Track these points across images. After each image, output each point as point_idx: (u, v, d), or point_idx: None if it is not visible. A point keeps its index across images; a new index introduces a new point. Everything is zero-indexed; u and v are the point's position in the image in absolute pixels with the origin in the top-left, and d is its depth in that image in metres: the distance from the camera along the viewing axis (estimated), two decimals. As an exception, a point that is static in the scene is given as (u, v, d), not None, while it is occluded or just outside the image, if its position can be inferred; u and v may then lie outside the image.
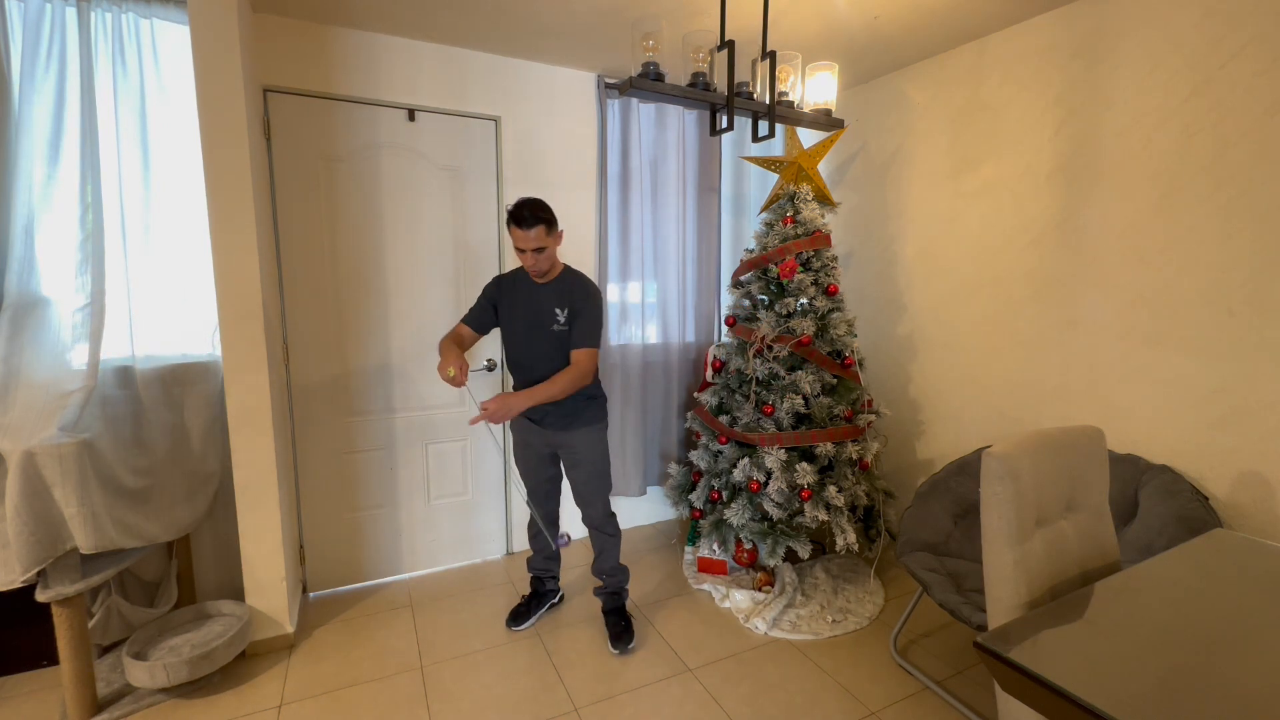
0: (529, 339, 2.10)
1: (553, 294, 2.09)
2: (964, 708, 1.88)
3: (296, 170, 2.36)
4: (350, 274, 2.49)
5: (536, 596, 2.42)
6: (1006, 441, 1.20)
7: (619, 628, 2.24)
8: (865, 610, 2.43)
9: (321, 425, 2.51)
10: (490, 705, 1.92)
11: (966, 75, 2.52)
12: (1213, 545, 1.35)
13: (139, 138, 2.00)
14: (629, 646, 2.20)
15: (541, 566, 2.40)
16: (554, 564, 2.42)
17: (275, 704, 1.91)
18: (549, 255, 2.02)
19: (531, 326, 2.10)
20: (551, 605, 2.47)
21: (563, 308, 2.08)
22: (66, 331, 1.83)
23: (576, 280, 2.13)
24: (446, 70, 2.55)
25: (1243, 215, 1.78)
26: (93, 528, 1.74)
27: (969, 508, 2.26)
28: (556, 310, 2.07)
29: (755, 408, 2.55)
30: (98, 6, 1.89)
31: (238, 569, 2.18)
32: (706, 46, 1.84)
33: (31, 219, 1.81)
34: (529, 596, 2.42)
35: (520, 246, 1.97)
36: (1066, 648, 0.98)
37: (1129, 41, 2.01)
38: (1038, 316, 2.33)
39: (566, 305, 2.08)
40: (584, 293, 2.10)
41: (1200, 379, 1.89)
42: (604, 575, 2.33)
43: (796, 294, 2.54)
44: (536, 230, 1.93)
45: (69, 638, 1.76)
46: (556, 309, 2.07)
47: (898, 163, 2.86)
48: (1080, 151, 2.16)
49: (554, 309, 2.07)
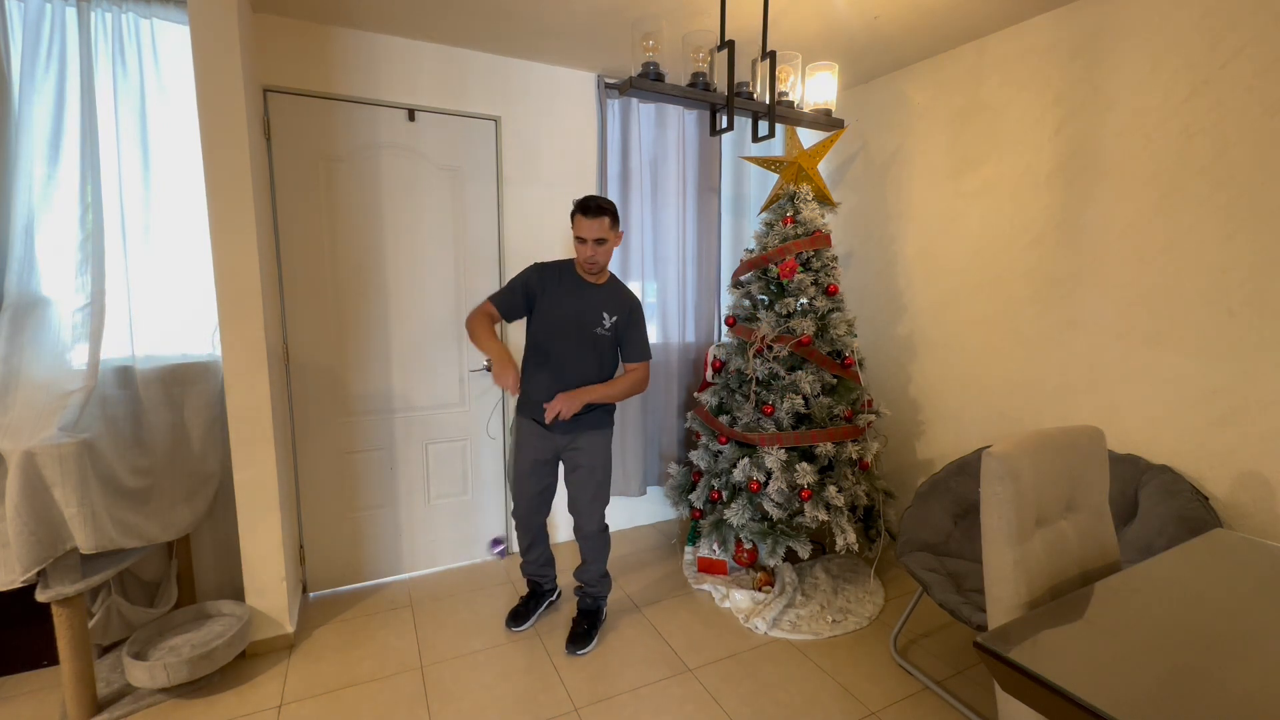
0: (569, 336, 2.09)
1: (604, 297, 2.11)
2: (964, 708, 1.88)
3: (296, 170, 2.36)
4: (350, 274, 2.49)
5: (535, 596, 2.40)
6: (1006, 441, 1.20)
7: (580, 629, 2.24)
8: (865, 610, 2.43)
9: (321, 425, 2.51)
10: (490, 705, 1.92)
11: (966, 75, 2.52)
12: (1213, 545, 1.35)
13: (139, 138, 2.00)
14: (581, 651, 2.18)
15: (536, 572, 2.38)
16: (549, 568, 2.39)
17: (275, 704, 1.91)
18: (608, 250, 2.04)
19: (575, 325, 2.09)
20: (550, 603, 2.46)
21: (611, 314, 2.10)
22: (66, 331, 1.83)
23: (625, 290, 2.18)
24: (446, 70, 2.55)
25: (1243, 215, 1.78)
26: (93, 528, 1.74)
27: (969, 508, 2.26)
28: (605, 314, 2.09)
29: (755, 408, 2.55)
30: (98, 6, 1.89)
31: (238, 569, 2.18)
32: (706, 46, 1.84)
33: (31, 219, 1.81)
34: (527, 596, 2.41)
35: (582, 235, 1.99)
36: (1066, 648, 0.98)
37: (1129, 41, 2.01)
38: (1038, 316, 2.33)
39: (616, 313, 2.11)
40: (637, 305, 2.16)
41: (1200, 379, 1.89)
42: (587, 584, 2.30)
43: (796, 294, 2.54)
44: (601, 221, 1.97)
45: (69, 638, 1.76)
46: (605, 313, 2.09)
47: (898, 163, 2.86)
48: (1080, 151, 2.16)
49: (602, 312, 2.09)
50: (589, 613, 2.30)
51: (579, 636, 2.22)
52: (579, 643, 2.20)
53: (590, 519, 2.22)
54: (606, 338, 2.11)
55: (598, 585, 2.29)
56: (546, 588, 2.43)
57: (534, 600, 2.39)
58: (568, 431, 2.14)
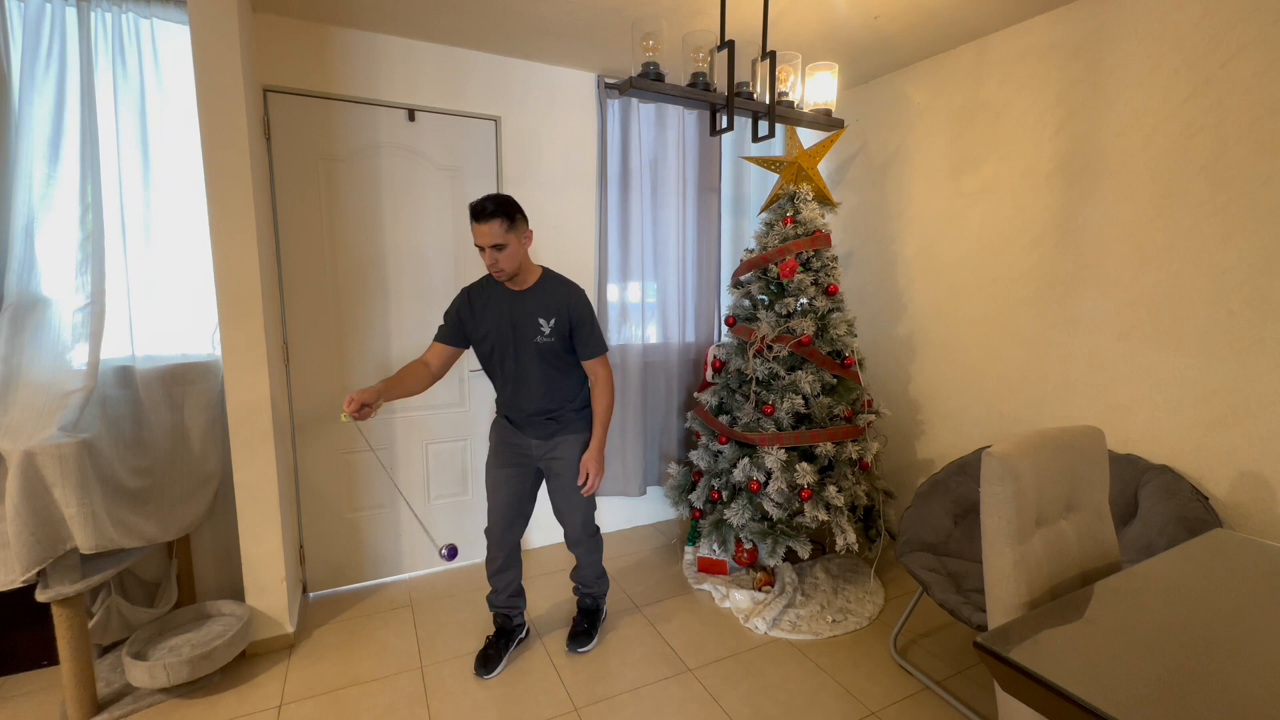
0: (506, 353, 1.95)
1: (534, 302, 1.93)
2: (964, 708, 1.88)
3: (296, 170, 2.36)
4: (350, 274, 2.49)
5: (503, 634, 2.17)
6: (1006, 441, 1.20)
7: (580, 628, 2.24)
8: (865, 610, 2.43)
9: (321, 425, 2.51)
10: (490, 705, 1.92)
11: (966, 75, 2.52)
12: (1213, 545, 1.35)
13: (139, 138, 2.00)
14: (582, 649, 2.19)
15: (505, 604, 2.18)
16: (519, 600, 2.22)
17: (275, 704, 1.91)
18: (512, 254, 1.83)
19: (512, 339, 1.94)
20: (520, 641, 2.24)
21: (548, 317, 1.93)
22: (66, 331, 1.83)
23: (561, 285, 1.97)
24: (446, 70, 2.55)
25: (1242, 215, 1.78)
26: (93, 528, 1.74)
27: (969, 508, 2.26)
28: (540, 320, 1.92)
29: (755, 408, 2.55)
30: (98, 6, 1.89)
31: (238, 569, 2.18)
32: (706, 46, 1.84)
33: (31, 219, 1.81)
34: (495, 636, 2.16)
35: (478, 243, 1.81)
36: (1066, 648, 0.98)
37: (1129, 41, 2.01)
38: (1038, 316, 2.33)
39: (554, 315, 1.93)
40: (575, 299, 1.96)
41: (1200, 379, 1.89)
42: (583, 584, 2.27)
43: (796, 294, 2.54)
44: (493, 224, 1.77)
45: (69, 638, 1.76)
46: (540, 319, 1.92)
47: (898, 163, 2.86)
48: (1080, 151, 2.16)
49: (537, 319, 1.92)
50: (588, 611, 2.30)
51: (579, 635, 2.22)
52: (579, 640, 2.20)
53: (574, 525, 2.13)
54: (550, 344, 1.93)
55: (594, 585, 2.28)
56: (516, 622, 2.22)
57: (502, 640, 2.15)
58: (545, 439, 2.04)
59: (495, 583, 2.16)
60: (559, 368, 1.99)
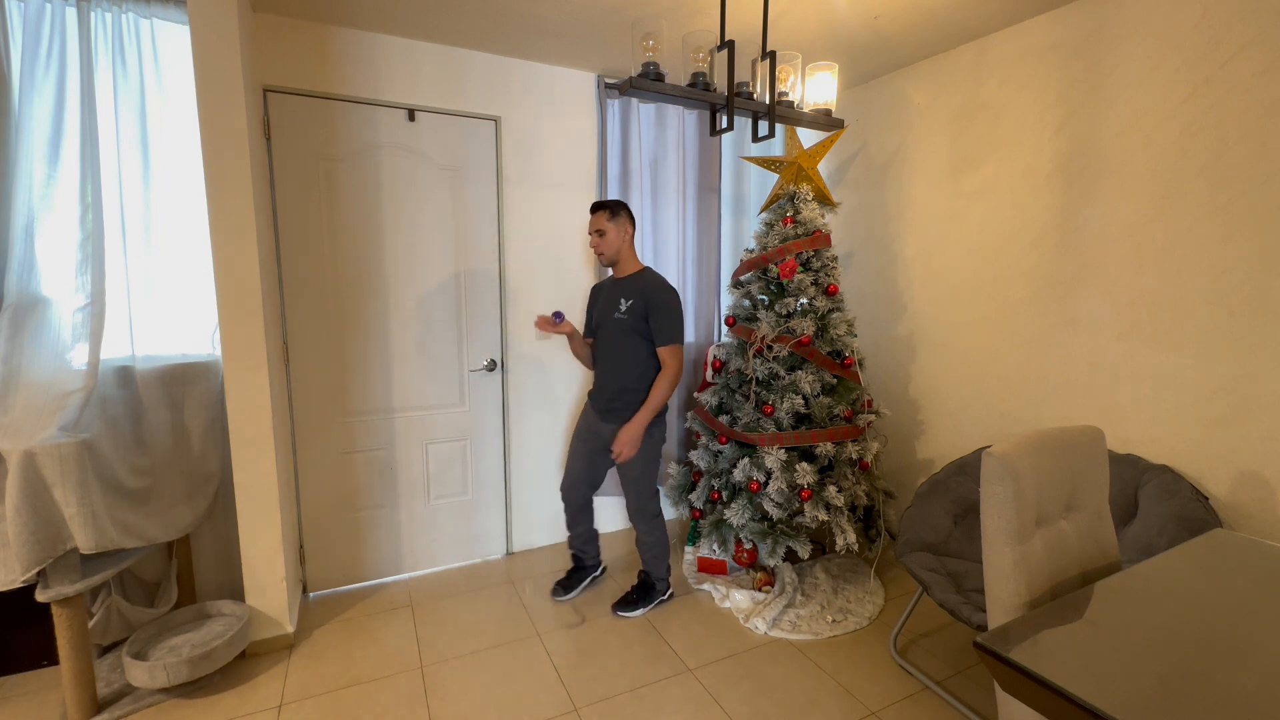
0: (601, 331, 2.34)
1: (625, 287, 2.28)
2: (964, 708, 1.88)
3: (296, 170, 2.36)
4: (350, 274, 2.49)
5: (578, 570, 2.59)
6: (1006, 441, 1.20)
7: (630, 596, 2.45)
8: (865, 610, 2.43)
9: (321, 425, 2.51)
10: (490, 705, 1.92)
11: (966, 75, 2.52)
12: (1213, 545, 1.35)
13: (139, 138, 2.00)
14: (621, 613, 2.41)
15: (578, 547, 2.58)
16: (591, 545, 2.59)
17: (275, 704, 1.91)
18: (610, 241, 2.24)
19: (604, 317, 2.32)
20: (594, 578, 2.63)
21: (629, 299, 2.24)
22: (66, 331, 1.83)
23: (649, 277, 2.29)
24: (446, 70, 2.55)
25: (1242, 215, 1.78)
26: (93, 528, 1.74)
27: (969, 508, 2.26)
28: (622, 300, 2.26)
29: (755, 408, 2.55)
30: (98, 6, 1.89)
31: (238, 569, 2.18)
32: (706, 46, 1.84)
33: (31, 219, 1.81)
34: (571, 569, 2.60)
35: (589, 230, 2.28)
36: (1066, 648, 0.98)
37: (1129, 41, 2.01)
38: (1038, 316, 2.33)
39: (634, 298, 2.23)
40: (657, 288, 2.24)
41: (1200, 379, 1.89)
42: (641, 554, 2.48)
43: (796, 294, 2.54)
44: (600, 215, 2.24)
45: (69, 638, 1.76)
46: (622, 299, 2.26)
47: (898, 163, 2.86)
48: (1080, 151, 2.16)
49: (620, 299, 2.26)
50: (641, 585, 2.48)
51: (625, 601, 2.44)
52: (623, 606, 2.43)
53: (630, 499, 2.39)
54: (624, 320, 2.24)
55: (649, 563, 2.45)
56: (588, 563, 2.61)
57: (576, 574, 2.58)
58: (613, 424, 2.31)
59: (570, 530, 2.56)
60: (627, 349, 2.27)
